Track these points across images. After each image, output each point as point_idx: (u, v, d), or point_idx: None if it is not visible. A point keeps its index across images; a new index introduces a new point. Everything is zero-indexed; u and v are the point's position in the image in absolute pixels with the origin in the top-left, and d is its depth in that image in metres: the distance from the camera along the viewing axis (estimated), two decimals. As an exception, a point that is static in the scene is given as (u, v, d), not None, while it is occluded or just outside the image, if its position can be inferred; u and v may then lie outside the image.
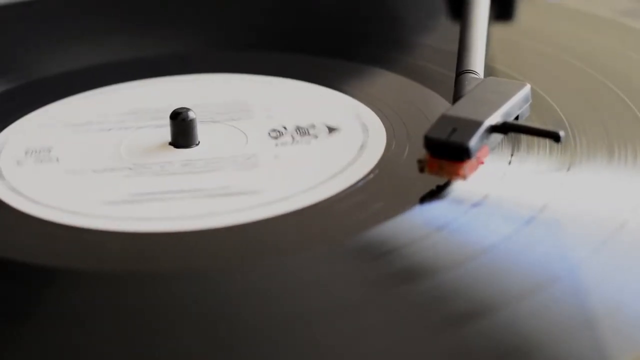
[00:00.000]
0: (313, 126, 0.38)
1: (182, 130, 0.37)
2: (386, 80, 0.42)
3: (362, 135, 0.37)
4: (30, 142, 0.38)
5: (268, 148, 0.37)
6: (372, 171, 0.34)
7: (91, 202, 0.34)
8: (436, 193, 0.33)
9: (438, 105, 0.38)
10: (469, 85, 0.35)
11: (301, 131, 0.38)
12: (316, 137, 0.37)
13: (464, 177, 0.32)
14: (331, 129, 0.37)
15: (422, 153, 0.32)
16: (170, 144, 0.37)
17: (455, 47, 0.39)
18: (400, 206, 0.32)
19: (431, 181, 0.33)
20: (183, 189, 0.34)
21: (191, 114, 0.37)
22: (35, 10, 0.50)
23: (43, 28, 0.49)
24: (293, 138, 0.37)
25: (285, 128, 0.38)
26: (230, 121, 0.39)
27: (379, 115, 0.38)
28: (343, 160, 0.35)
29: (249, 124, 0.38)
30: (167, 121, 0.37)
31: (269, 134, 0.38)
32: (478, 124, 0.32)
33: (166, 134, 0.37)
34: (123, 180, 0.35)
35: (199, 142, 0.37)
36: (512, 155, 0.35)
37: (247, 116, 0.39)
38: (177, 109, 0.37)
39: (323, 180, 0.34)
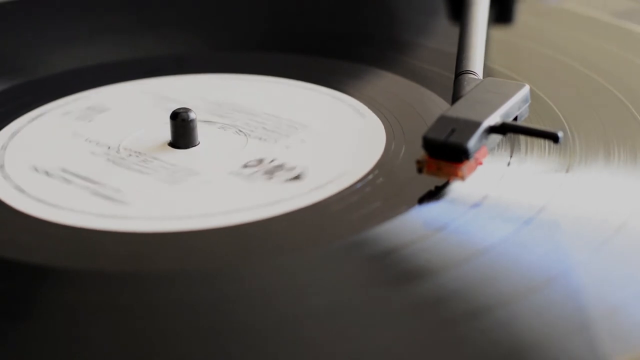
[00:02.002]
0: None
1: (181, 131, 0.37)
2: (386, 81, 0.42)
3: (361, 135, 0.37)
4: (44, 129, 0.39)
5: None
6: (371, 172, 0.34)
7: (60, 193, 0.34)
8: (435, 194, 0.33)
9: (437, 106, 0.38)
10: (468, 85, 0.35)
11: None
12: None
13: (463, 178, 0.32)
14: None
15: (420, 154, 0.32)
16: (169, 144, 0.37)
17: (454, 48, 0.39)
18: (399, 207, 0.32)
19: (430, 182, 0.33)
20: (147, 188, 0.34)
21: (191, 115, 0.37)
22: (35, 9, 0.51)
23: (44, 26, 0.49)
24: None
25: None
26: (229, 121, 0.39)
27: (378, 116, 0.38)
28: (342, 161, 0.35)
29: (248, 123, 0.38)
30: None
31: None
32: (477, 124, 0.32)
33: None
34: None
35: (199, 143, 0.37)
36: (511, 156, 0.35)
37: (245, 116, 0.39)
38: (177, 109, 0.37)
39: (322, 180, 0.34)
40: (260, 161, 0.36)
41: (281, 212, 0.32)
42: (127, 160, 0.36)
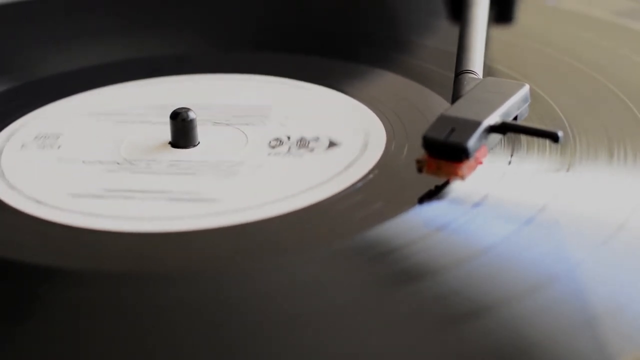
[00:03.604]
0: (310, 125, 0.38)
1: (181, 131, 0.37)
2: (386, 81, 0.42)
3: (362, 135, 0.37)
4: (45, 127, 0.39)
5: (265, 150, 0.36)
6: (371, 171, 0.34)
7: (58, 193, 0.34)
8: (435, 193, 0.33)
9: (437, 105, 0.38)
10: (468, 85, 0.35)
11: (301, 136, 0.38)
12: (316, 139, 0.37)
13: (462, 178, 0.32)
14: (331, 140, 0.37)
15: (421, 153, 0.32)
16: (170, 144, 0.37)
17: (454, 48, 0.39)
18: (400, 206, 0.32)
19: (431, 181, 0.33)
20: (146, 189, 0.34)
21: (191, 114, 0.37)
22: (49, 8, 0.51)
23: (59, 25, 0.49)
24: (290, 139, 0.37)
25: (283, 127, 0.38)
26: (230, 121, 0.39)
27: (378, 116, 0.38)
28: (343, 161, 0.35)
29: (248, 124, 0.38)
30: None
31: (267, 134, 0.38)
32: (476, 124, 0.32)
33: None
34: (103, 174, 0.35)
35: (198, 143, 0.37)
36: (511, 155, 0.35)
37: (246, 116, 0.39)
38: (177, 109, 0.37)
39: (323, 180, 0.34)
40: (279, 140, 0.36)
41: (281, 212, 0.32)
42: (153, 167, 0.36)
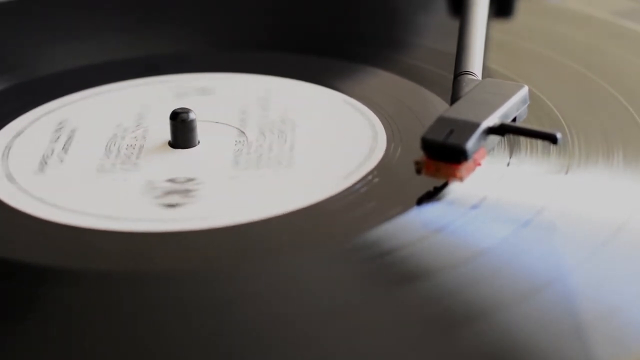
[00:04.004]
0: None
1: (180, 131, 0.37)
2: (385, 81, 0.42)
3: (361, 136, 0.37)
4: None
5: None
6: (370, 173, 0.34)
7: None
8: (433, 195, 0.33)
9: (437, 107, 0.38)
10: (467, 86, 0.35)
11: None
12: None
13: (461, 179, 0.32)
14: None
15: (420, 154, 0.33)
16: (169, 144, 0.37)
17: (453, 48, 0.39)
18: (398, 208, 0.32)
19: (430, 183, 0.33)
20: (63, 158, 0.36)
21: (191, 115, 0.37)
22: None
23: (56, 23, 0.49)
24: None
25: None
26: (231, 122, 0.39)
27: (378, 117, 0.38)
28: (342, 162, 0.35)
29: (248, 125, 0.38)
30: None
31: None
32: (475, 125, 0.32)
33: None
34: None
35: (199, 142, 0.37)
36: (510, 157, 0.35)
37: (246, 117, 0.39)
38: (177, 109, 0.37)
39: (322, 181, 0.34)
40: (190, 180, 0.35)
41: (281, 212, 0.32)
42: (116, 146, 0.37)
